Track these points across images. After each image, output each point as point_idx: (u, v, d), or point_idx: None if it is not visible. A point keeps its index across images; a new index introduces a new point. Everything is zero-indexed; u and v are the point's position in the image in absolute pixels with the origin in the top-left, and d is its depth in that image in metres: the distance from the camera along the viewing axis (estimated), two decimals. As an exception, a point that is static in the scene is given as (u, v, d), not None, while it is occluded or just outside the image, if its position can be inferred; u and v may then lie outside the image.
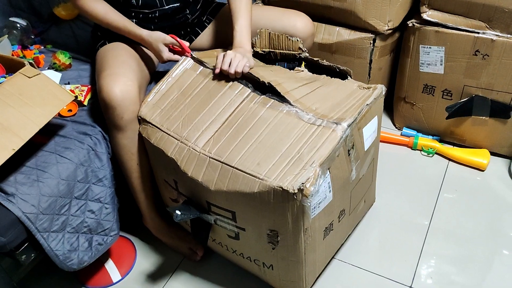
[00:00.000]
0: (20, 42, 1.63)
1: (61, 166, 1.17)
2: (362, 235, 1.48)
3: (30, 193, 1.10)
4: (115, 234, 1.31)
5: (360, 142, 1.17)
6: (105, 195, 1.26)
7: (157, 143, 1.17)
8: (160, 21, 1.38)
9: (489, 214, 1.52)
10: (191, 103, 1.21)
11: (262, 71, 1.24)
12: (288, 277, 1.23)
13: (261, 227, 1.12)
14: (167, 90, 1.25)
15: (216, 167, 1.08)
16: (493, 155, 1.70)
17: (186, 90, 1.24)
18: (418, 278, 1.35)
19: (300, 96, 1.16)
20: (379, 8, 1.59)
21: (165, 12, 1.37)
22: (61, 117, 1.32)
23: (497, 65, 1.50)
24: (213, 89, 1.21)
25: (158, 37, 1.28)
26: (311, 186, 0.99)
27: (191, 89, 1.24)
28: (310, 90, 1.20)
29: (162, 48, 1.29)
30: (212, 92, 1.21)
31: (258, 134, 1.10)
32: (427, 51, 1.59)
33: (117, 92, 1.17)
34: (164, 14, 1.37)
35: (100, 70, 1.26)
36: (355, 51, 1.70)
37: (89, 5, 1.29)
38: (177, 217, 1.14)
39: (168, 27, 1.39)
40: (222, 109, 1.17)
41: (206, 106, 1.19)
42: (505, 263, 1.38)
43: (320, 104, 1.15)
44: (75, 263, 1.21)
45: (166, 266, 1.46)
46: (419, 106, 1.73)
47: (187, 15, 1.43)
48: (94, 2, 1.29)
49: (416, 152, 1.76)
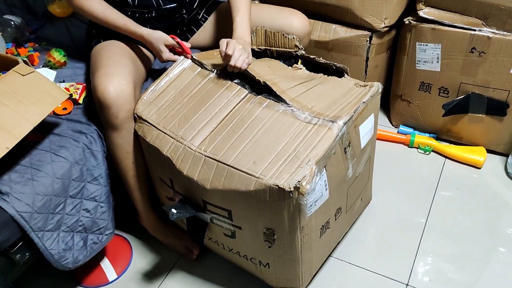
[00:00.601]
0: (14, 40, 1.61)
1: (56, 165, 1.16)
2: (359, 233, 1.48)
3: (25, 192, 1.09)
4: (110, 233, 1.30)
5: (357, 140, 1.17)
6: (100, 194, 1.26)
7: (153, 141, 1.17)
8: (156, 21, 1.38)
9: (485, 211, 1.52)
10: (188, 103, 1.20)
11: (259, 68, 1.24)
12: (284, 275, 1.23)
13: (257, 226, 1.12)
14: (164, 89, 1.25)
15: (211, 166, 1.07)
16: (490, 153, 1.70)
17: (184, 90, 1.24)
18: (415, 276, 1.35)
19: (296, 95, 1.16)
20: (375, 6, 1.58)
21: (162, 12, 1.36)
22: (56, 115, 1.31)
23: (494, 62, 1.50)
24: (211, 90, 1.22)
25: (159, 37, 1.27)
26: (307, 184, 0.98)
27: (188, 89, 1.23)
28: (306, 89, 1.20)
29: (163, 48, 1.28)
30: (210, 93, 1.21)
31: (254, 133, 1.10)
32: (423, 48, 1.59)
33: (112, 91, 1.16)
34: (161, 14, 1.36)
35: (95, 69, 1.26)
36: (352, 49, 1.70)
37: (86, 3, 1.27)
38: (173, 216, 1.14)
39: (164, 27, 1.38)
40: (219, 109, 1.17)
41: (202, 107, 1.18)
42: (502, 260, 1.38)
43: (316, 103, 1.15)
44: (70, 262, 1.20)
45: (162, 265, 1.45)
46: (416, 104, 1.73)
47: (184, 15, 1.42)
48: (92, 1, 1.28)
49: (413, 149, 1.76)
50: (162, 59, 1.30)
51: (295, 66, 1.32)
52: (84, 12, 1.28)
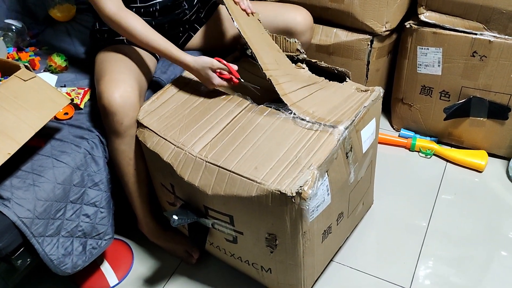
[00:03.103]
0: (16, 44, 1.61)
1: (57, 170, 1.16)
2: (361, 237, 1.48)
3: (26, 198, 1.09)
4: (110, 238, 1.30)
5: (359, 145, 1.17)
6: (101, 199, 1.25)
7: (153, 147, 1.17)
8: (160, 15, 1.36)
9: (487, 215, 1.51)
10: (190, 114, 1.21)
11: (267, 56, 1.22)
12: (286, 281, 1.23)
13: (259, 231, 1.12)
14: (166, 100, 1.26)
15: (213, 171, 1.07)
16: (491, 156, 1.69)
17: (186, 102, 1.25)
18: (416, 280, 1.35)
19: (297, 100, 1.16)
20: (376, 10, 1.58)
21: (165, 4, 1.34)
22: (57, 120, 1.31)
23: (495, 66, 1.50)
24: (213, 102, 1.23)
25: (204, 62, 1.18)
26: (309, 189, 0.98)
27: (190, 101, 1.25)
28: (308, 93, 1.20)
29: (212, 74, 1.19)
30: (211, 105, 1.22)
31: (255, 140, 1.11)
32: (424, 52, 1.59)
33: (117, 98, 1.15)
34: (164, 6, 1.34)
35: (100, 76, 1.24)
36: (353, 53, 1.70)
37: (125, 19, 1.18)
38: (174, 222, 1.13)
39: (168, 23, 1.37)
40: (220, 119, 1.18)
41: (204, 117, 1.19)
42: (504, 264, 1.37)
43: (317, 108, 1.15)
44: (69, 267, 1.20)
45: (163, 270, 1.45)
46: (417, 107, 1.73)
47: (186, 11, 1.41)
48: (133, 17, 1.19)
49: (414, 153, 1.76)
50: (211, 86, 1.22)
51: (299, 65, 1.33)
52: (121, 28, 1.19)
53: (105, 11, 1.17)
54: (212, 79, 1.20)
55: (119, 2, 1.19)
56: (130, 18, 1.19)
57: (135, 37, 1.20)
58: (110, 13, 1.17)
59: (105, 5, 1.17)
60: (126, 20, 1.18)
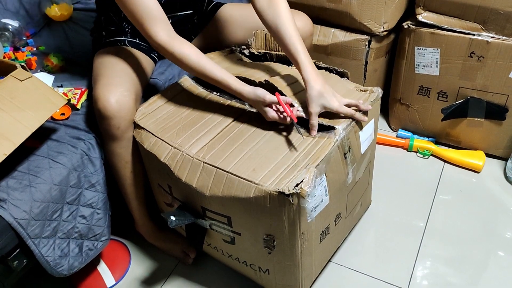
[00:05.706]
0: (12, 44, 1.60)
1: (54, 171, 1.15)
2: (359, 238, 1.48)
3: (22, 199, 1.08)
4: (106, 239, 1.29)
5: (357, 146, 1.17)
6: (97, 201, 1.25)
7: (150, 148, 1.16)
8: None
9: (484, 215, 1.52)
10: (187, 116, 1.21)
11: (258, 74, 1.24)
12: (284, 281, 1.23)
13: (257, 232, 1.11)
14: (164, 103, 1.26)
15: (210, 172, 1.07)
16: (489, 157, 1.70)
17: (184, 105, 1.25)
18: (414, 280, 1.35)
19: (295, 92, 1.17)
20: (374, 10, 1.58)
21: (178, 18, 1.34)
22: (54, 120, 1.30)
23: (493, 66, 1.50)
24: (211, 106, 1.23)
25: (257, 96, 1.11)
26: (306, 186, 0.98)
27: (188, 105, 1.25)
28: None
29: (263, 109, 1.13)
30: (209, 109, 1.22)
31: (254, 143, 1.11)
32: (422, 52, 1.59)
33: (113, 102, 1.14)
34: (176, 20, 1.35)
35: (97, 78, 1.23)
36: (351, 53, 1.70)
37: (180, 49, 1.12)
38: (172, 223, 1.13)
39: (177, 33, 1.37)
40: (218, 122, 1.18)
41: (202, 120, 1.19)
42: (501, 264, 1.38)
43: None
44: (65, 269, 1.19)
45: (160, 270, 1.44)
46: (415, 108, 1.73)
47: (195, 20, 1.42)
48: (186, 46, 1.13)
49: (412, 153, 1.76)
50: (267, 118, 1.15)
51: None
52: (174, 57, 1.13)
53: (156, 40, 1.11)
54: (263, 113, 1.14)
55: (170, 30, 1.13)
56: (183, 47, 1.13)
57: (189, 67, 1.14)
58: (161, 42, 1.11)
59: (156, 34, 1.11)
60: (179, 49, 1.12)
